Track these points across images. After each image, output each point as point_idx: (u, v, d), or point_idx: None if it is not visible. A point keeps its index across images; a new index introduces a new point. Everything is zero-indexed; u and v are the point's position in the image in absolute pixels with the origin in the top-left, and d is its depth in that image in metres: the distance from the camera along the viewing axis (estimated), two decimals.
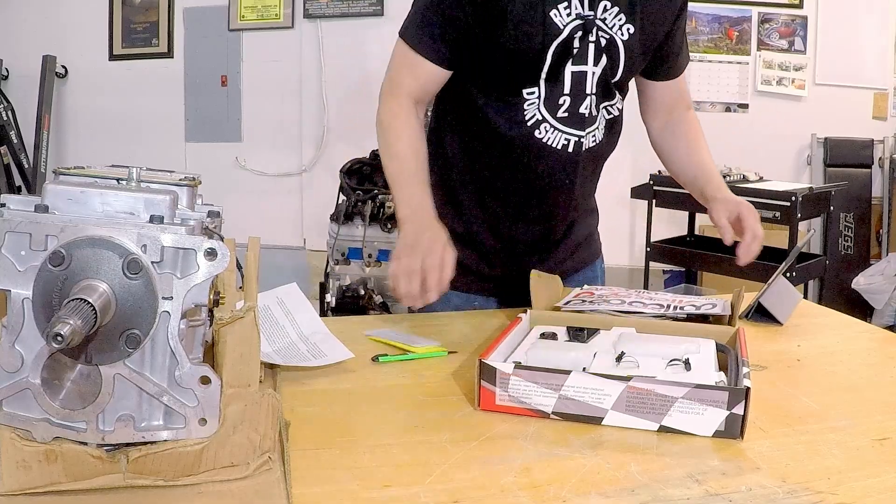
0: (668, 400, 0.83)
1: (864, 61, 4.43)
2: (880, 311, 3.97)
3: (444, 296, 1.28)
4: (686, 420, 0.83)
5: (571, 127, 1.29)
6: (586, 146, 1.31)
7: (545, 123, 1.28)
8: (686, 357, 0.95)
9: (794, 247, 2.39)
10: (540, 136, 1.28)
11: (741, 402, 0.81)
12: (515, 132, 1.28)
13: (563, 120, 1.28)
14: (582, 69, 1.26)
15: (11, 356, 0.63)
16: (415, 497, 0.68)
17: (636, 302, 1.20)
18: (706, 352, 1.00)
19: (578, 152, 1.31)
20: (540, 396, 0.87)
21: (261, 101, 4.44)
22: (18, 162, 4.23)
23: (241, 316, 0.71)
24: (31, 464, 0.64)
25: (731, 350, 1.01)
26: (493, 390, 0.88)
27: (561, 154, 1.30)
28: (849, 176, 4.27)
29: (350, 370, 1.02)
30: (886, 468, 0.75)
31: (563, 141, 1.29)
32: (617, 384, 0.84)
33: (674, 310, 1.15)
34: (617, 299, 1.21)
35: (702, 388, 0.82)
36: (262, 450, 0.71)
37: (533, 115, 1.27)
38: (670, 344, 1.01)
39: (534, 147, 1.29)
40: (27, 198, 0.64)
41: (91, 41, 4.46)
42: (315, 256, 4.22)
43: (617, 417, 0.85)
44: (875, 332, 1.30)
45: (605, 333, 1.08)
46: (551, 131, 1.28)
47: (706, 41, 4.37)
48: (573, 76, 1.26)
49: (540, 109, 1.27)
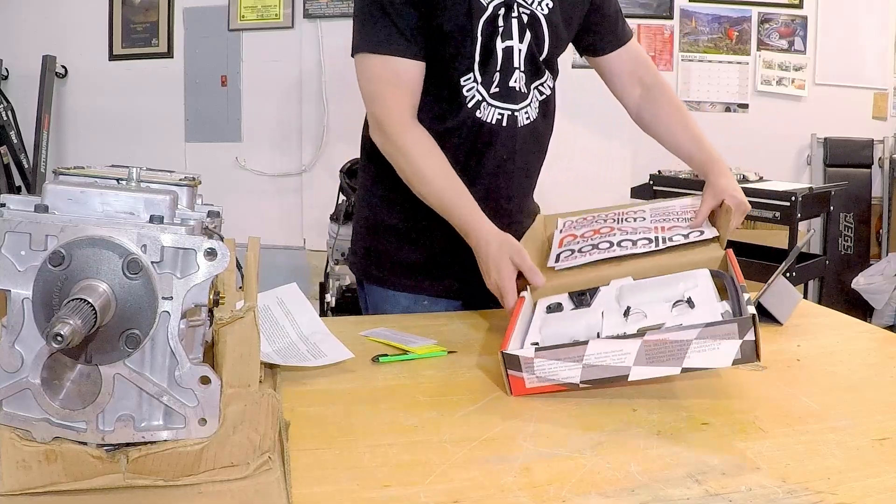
0: (684, 344, 0.86)
1: (864, 61, 4.43)
2: (880, 311, 3.97)
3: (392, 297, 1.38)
4: (705, 358, 0.86)
5: (504, 101, 1.33)
6: (521, 122, 1.36)
7: (483, 102, 1.32)
8: (687, 296, 0.99)
9: (794, 247, 2.39)
10: (480, 115, 1.33)
11: (751, 329, 0.84)
12: (461, 116, 1.32)
13: (495, 95, 1.32)
14: (509, 44, 1.30)
15: (11, 356, 0.63)
16: (415, 497, 0.68)
17: (624, 241, 1.22)
18: (703, 283, 1.03)
19: (514, 126, 1.35)
20: (566, 371, 0.90)
21: (261, 101, 4.44)
22: (18, 162, 4.23)
23: (241, 316, 0.71)
24: (31, 464, 0.64)
25: (725, 275, 1.04)
26: (521, 376, 0.92)
27: (497, 129, 1.34)
28: (849, 176, 4.27)
29: (350, 370, 1.01)
30: (886, 468, 0.75)
31: (498, 115, 1.33)
32: (633, 342, 0.88)
33: (663, 242, 1.19)
34: (603, 240, 1.23)
35: (712, 326, 0.85)
36: (262, 450, 0.71)
37: (472, 96, 1.31)
38: (668, 285, 1.05)
39: (475, 126, 1.33)
40: (27, 198, 0.64)
41: (91, 41, 4.46)
42: (315, 256, 4.21)
43: (641, 371, 0.88)
44: (875, 332, 1.30)
45: (605, 290, 1.10)
46: (488, 108, 1.33)
47: (706, 41, 4.37)
48: (503, 52, 1.30)
49: (478, 90, 1.31)
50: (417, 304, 1.40)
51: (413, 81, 1.28)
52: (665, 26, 4.31)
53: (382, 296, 1.43)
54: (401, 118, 1.27)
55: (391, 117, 1.27)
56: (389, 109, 1.27)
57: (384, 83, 1.27)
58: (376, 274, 1.44)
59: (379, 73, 1.27)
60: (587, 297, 1.10)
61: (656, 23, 4.29)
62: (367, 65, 1.27)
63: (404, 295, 1.41)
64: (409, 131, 1.27)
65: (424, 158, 1.26)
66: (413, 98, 1.29)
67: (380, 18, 1.24)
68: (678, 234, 1.21)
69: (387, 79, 1.27)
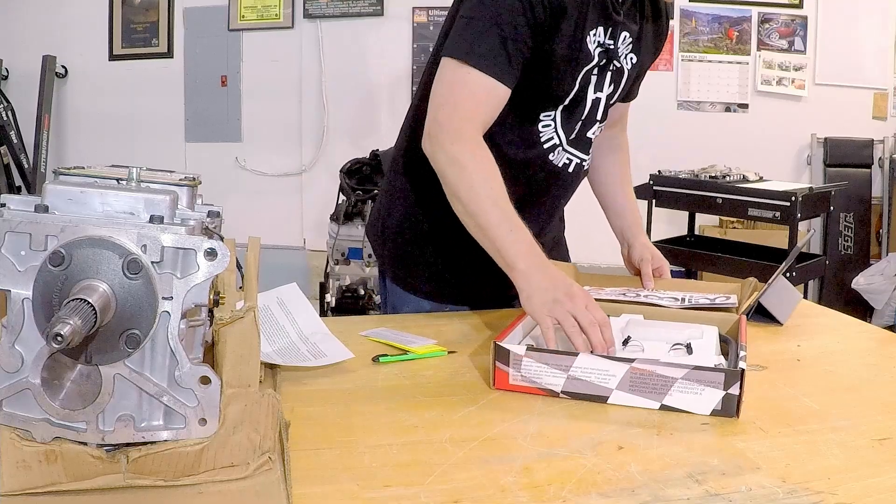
0: (669, 380, 0.87)
1: (864, 61, 4.44)
2: (880, 311, 3.97)
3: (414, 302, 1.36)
4: (685, 399, 0.87)
5: (578, 150, 1.34)
6: (585, 167, 1.38)
7: (560, 147, 1.31)
8: (688, 342, 1.01)
9: (794, 247, 2.39)
10: (553, 158, 1.32)
11: (737, 383, 0.85)
12: (531, 154, 1.30)
13: (572, 143, 1.32)
14: (598, 96, 1.30)
15: (11, 356, 0.63)
16: (415, 497, 0.68)
17: (651, 295, 1.27)
18: (709, 338, 1.05)
19: (578, 173, 1.37)
20: (550, 377, 0.92)
21: (261, 101, 4.44)
22: (18, 162, 4.23)
23: (241, 316, 0.71)
24: (31, 464, 0.64)
25: (732, 340, 1.04)
26: (507, 371, 0.94)
27: (564, 174, 1.34)
28: (849, 176, 4.27)
29: (350, 370, 1.01)
30: (886, 468, 0.75)
31: (567, 161, 1.34)
32: (621, 365, 0.89)
33: (688, 301, 1.23)
34: (631, 293, 1.27)
35: (699, 370, 0.87)
36: (262, 450, 0.71)
37: (550, 137, 1.30)
38: (675, 330, 1.07)
39: (544, 167, 1.32)
40: (27, 198, 0.64)
41: (91, 41, 4.47)
42: (315, 256, 4.22)
43: (621, 397, 0.90)
44: (875, 331, 1.30)
45: (614, 319, 1.11)
46: (562, 154, 1.33)
47: (706, 41, 4.37)
48: (592, 103, 1.30)
49: (557, 132, 1.30)
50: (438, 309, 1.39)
51: (496, 105, 1.19)
52: None
53: (403, 298, 1.41)
54: (472, 134, 1.17)
55: (464, 131, 1.17)
56: (460, 118, 1.17)
57: (467, 95, 1.17)
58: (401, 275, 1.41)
59: (467, 84, 1.17)
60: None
61: None
62: (457, 72, 1.17)
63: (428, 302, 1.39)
64: (473, 144, 1.17)
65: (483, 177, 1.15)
66: (488, 120, 1.20)
67: (490, 32, 1.15)
68: (703, 299, 1.27)
69: (472, 92, 1.17)
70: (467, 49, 1.16)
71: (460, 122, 1.17)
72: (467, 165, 1.15)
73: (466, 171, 1.15)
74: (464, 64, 1.16)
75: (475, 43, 1.15)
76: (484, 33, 1.15)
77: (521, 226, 1.14)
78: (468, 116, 1.17)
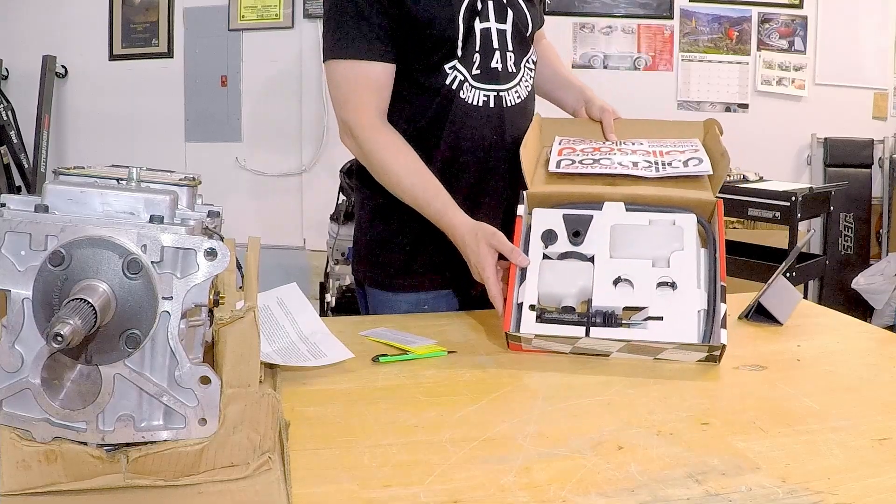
0: (660, 348, 1.05)
1: (864, 61, 4.43)
2: (880, 311, 3.97)
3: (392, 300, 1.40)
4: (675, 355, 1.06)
5: (489, 83, 1.34)
6: (509, 102, 1.36)
7: (466, 83, 1.32)
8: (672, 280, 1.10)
9: (794, 247, 2.39)
10: (464, 96, 1.32)
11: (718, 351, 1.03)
12: (442, 97, 1.31)
13: (477, 77, 1.33)
14: (486, 26, 1.31)
15: (11, 356, 0.63)
16: (415, 497, 0.68)
17: (625, 161, 1.28)
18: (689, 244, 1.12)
19: (501, 107, 1.35)
20: (558, 347, 1.09)
21: (261, 101, 4.44)
22: (18, 162, 4.23)
23: (241, 316, 0.71)
24: (31, 464, 0.64)
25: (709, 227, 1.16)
26: (520, 344, 1.10)
27: (483, 111, 1.34)
28: (849, 176, 4.27)
29: (350, 370, 1.02)
30: (886, 468, 0.75)
31: (483, 97, 1.34)
32: (619, 343, 1.06)
33: (662, 167, 1.25)
34: (604, 157, 1.28)
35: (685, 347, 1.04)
36: (262, 450, 0.71)
37: (454, 77, 1.31)
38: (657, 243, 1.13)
39: (459, 108, 1.32)
40: (27, 198, 0.64)
41: (91, 41, 4.46)
42: (315, 256, 4.21)
43: (621, 355, 1.08)
44: (875, 332, 1.30)
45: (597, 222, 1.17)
46: (471, 90, 1.33)
47: (706, 41, 4.37)
48: (482, 32, 1.31)
49: (458, 69, 1.31)
50: (418, 308, 1.40)
51: (381, 83, 1.28)
52: (665, 26, 4.31)
53: (381, 299, 1.43)
54: (370, 122, 1.27)
55: (360, 121, 1.27)
56: (358, 114, 1.27)
57: (349, 86, 1.27)
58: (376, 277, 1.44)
59: (347, 77, 1.26)
60: (581, 234, 1.17)
61: (656, 23, 4.30)
62: (335, 71, 1.27)
63: (405, 299, 1.40)
64: (378, 134, 1.28)
65: (394, 157, 1.27)
66: (382, 101, 1.29)
67: (342, 21, 1.24)
68: (676, 161, 1.27)
69: (354, 82, 1.26)
70: (331, 46, 1.27)
71: (355, 113, 1.27)
72: (376, 151, 1.27)
73: (377, 157, 1.28)
74: (333, 60, 1.27)
75: (335, 37, 1.26)
76: (339, 25, 1.25)
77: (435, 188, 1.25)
78: (359, 105, 1.27)
